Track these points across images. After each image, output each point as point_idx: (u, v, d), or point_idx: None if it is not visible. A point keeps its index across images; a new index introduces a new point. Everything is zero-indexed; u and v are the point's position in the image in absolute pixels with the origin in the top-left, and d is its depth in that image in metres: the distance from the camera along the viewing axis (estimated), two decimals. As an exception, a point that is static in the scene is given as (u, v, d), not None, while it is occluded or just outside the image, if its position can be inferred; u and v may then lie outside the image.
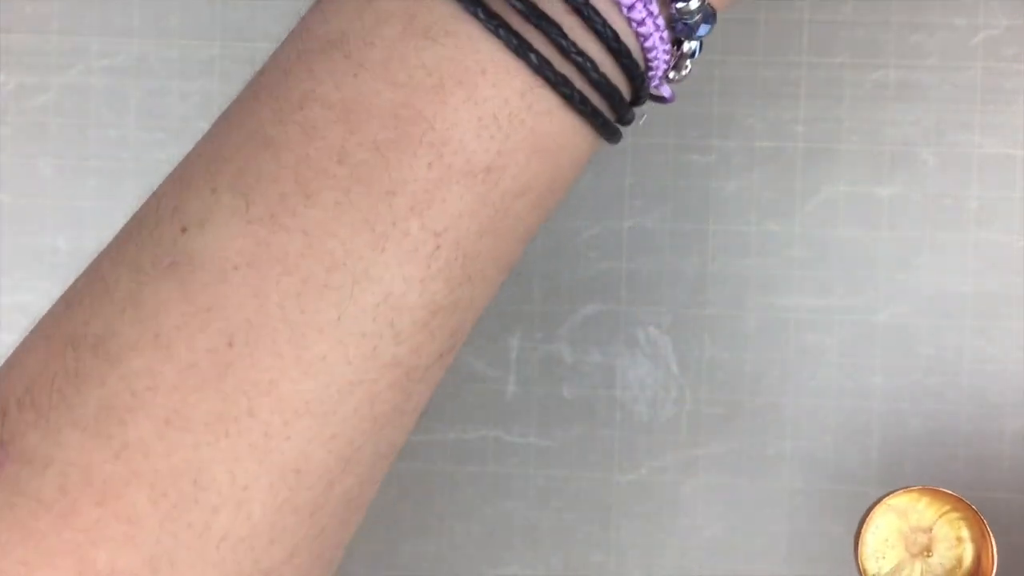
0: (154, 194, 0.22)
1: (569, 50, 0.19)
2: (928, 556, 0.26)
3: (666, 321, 0.37)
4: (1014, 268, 0.36)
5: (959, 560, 0.26)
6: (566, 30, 0.19)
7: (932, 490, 0.26)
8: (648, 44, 0.21)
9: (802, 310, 0.37)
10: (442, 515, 0.38)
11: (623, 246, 0.37)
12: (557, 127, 0.20)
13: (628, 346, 0.37)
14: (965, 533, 0.26)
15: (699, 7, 0.20)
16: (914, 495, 0.26)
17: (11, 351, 0.21)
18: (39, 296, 0.38)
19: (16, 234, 0.38)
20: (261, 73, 0.21)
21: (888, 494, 0.26)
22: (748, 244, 0.37)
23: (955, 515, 0.26)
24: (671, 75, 0.24)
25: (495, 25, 0.19)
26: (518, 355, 0.37)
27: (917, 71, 0.37)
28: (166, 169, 0.38)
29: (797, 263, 0.37)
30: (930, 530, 0.26)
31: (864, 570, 0.26)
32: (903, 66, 0.37)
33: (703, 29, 0.21)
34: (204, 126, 0.38)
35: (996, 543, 0.25)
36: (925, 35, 0.37)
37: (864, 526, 0.26)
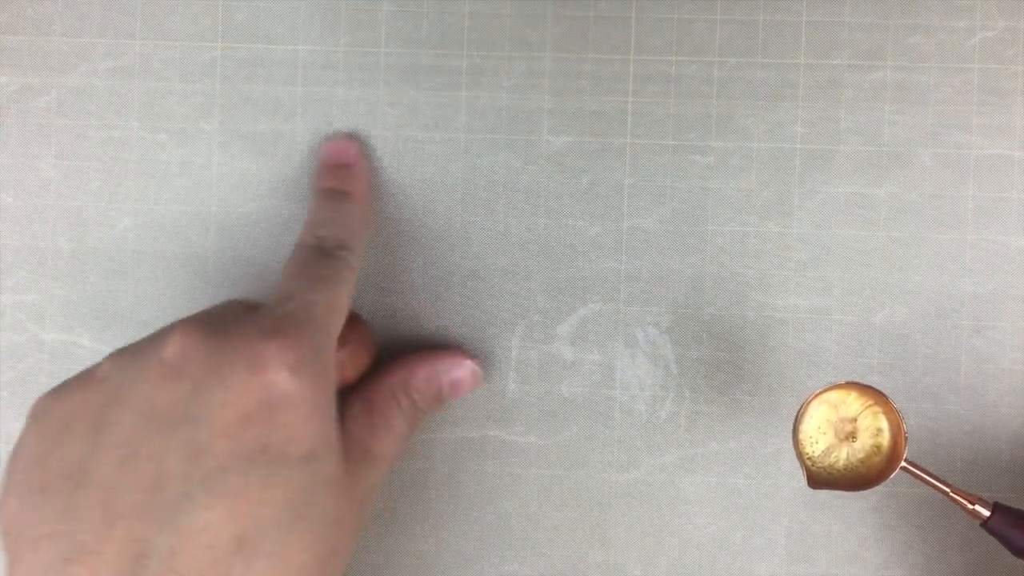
0: None
1: None
2: (853, 442, 0.30)
3: (665, 321, 0.37)
4: (1012, 268, 0.36)
5: (878, 447, 0.30)
6: None
7: (859, 385, 0.30)
8: None
9: (800, 310, 0.37)
10: (442, 515, 0.38)
11: (622, 246, 0.37)
12: None
13: (627, 346, 0.37)
14: (884, 424, 0.30)
15: None
16: (844, 390, 0.30)
17: None
18: (41, 296, 0.38)
19: (18, 234, 0.38)
20: None
21: (823, 389, 0.30)
22: (747, 244, 0.37)
23: (877, 408, 0.30)
24: None
25: None
26: (518, 355, 0.37)
27: (915, 72, 0.37)
28: (167, 170, 0.39)
29: (795, 263, 0.37)
30: (855, 420, 0.30)
31: (801, 452, 0.31)
32: (901, 67, 0.37)
33: None
34: (206, 127, 0.38)
35: (908, 436, 0.30)
36: (923, 37, 0.37)
37: (801, 415, 0.31)
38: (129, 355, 0.29)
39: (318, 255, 0.32)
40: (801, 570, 0.37)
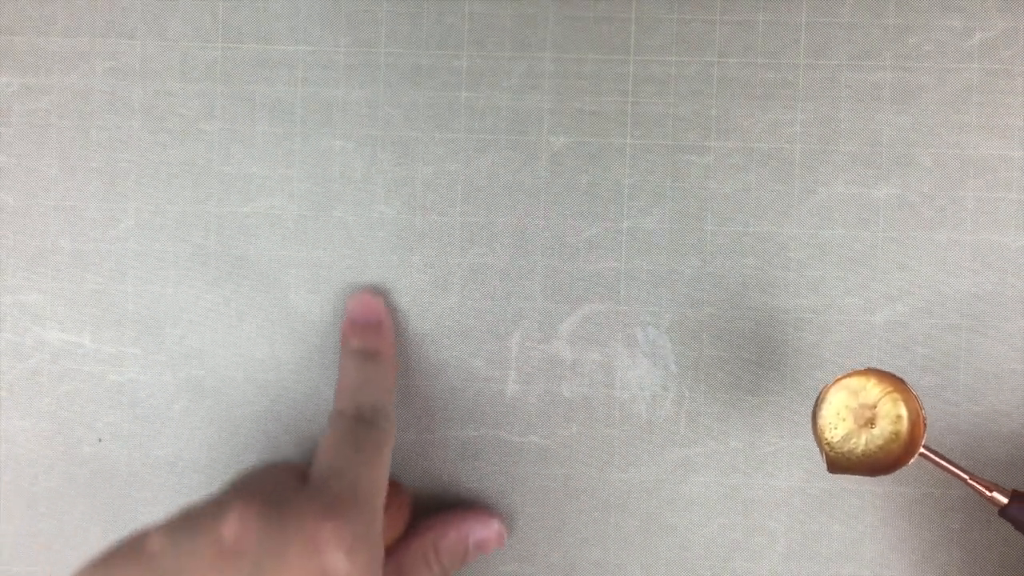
0: None
1: None
2: (872, 428, 0.30)
3: (665, 321, 0.37)
4: (1011, 268, 0.37)
5: (897, 433, 0.30)
6: None
7: (879, 372, 0.30)
8: None
9: (800, 310, 0.37)
10: (442, 514, 0.38)
11: (622, 246, 0.37)
12: None
13: (627, 346, 0.37)
14: (904, 411, 0.30)
15: None
16: (863, 376, 0.31)
17: None
18: (42, 296, 0.38)
19: (19, 234, 0.38)
20: None
21: (843, 375, 0.30)
22: (746, 244, 0.37)
23: (896, 395, 0.30)
24: None
25: None
26: (518, 355, 0.38)
27: (914, 73, 0.37)
28: (168, 170, 0.39)
29: (795, 263, 0.37)
30: (875, 407, 0.30)
31: (821, 437, 0.31)
32: (900, 68, 0.37)
33: None
34: (206, 127, 0.38)
35: (928, 423, 0.30)
36: (922, 37, 0.37)
37: (821, 400, 0.31)
38: (182, 531, 0.28)
39: (359, 426, 0.32)
40: (800, 568, 0.37)
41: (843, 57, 0.37)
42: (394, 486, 0.36)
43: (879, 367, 0.35)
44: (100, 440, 0.38)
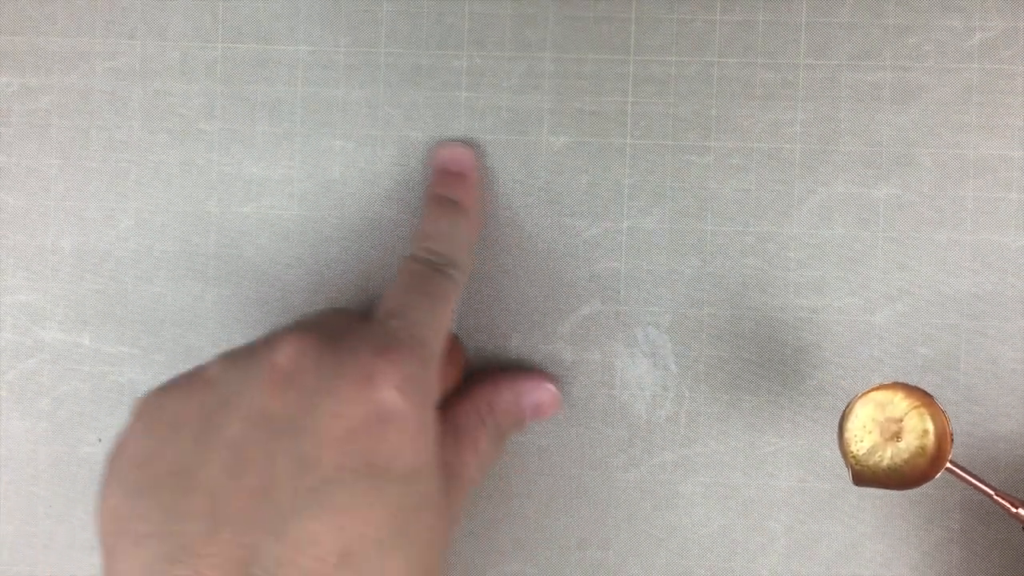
0: None
1: None
2: (898, 442, 0.31)
3: (665, 321, 0.37)
4: (1011, 268, 0.37)
5: (923, 448, 0.30)
6: None
7: (906, 386, 0.30)
8: None
9: (799, 310, 0.37)
10: (442, 514, 0.38)
11: (622, 246, 0.37)
12: None
13: (627, 345, 0.37)
14: (930, 426, 0.30)
15: None
16: (891, 390, 0.31)
17: None
18: (42, 296, 0.38)
19: (19, 235, 0.38)
20: None
21: (870, 388, 0.31)
22: (746, 244, 0.37)
23: (924, 410, 0.30)
24: None
25: None
26: (518, 355, 0.38)
27: (914, 73, 0.37)
28: (168, 170, 0.39)
29: (794, 263, 0.37)
30: (901, 420, 0.30)
31: (847, 450, 0.31)
32: (900, 68, 0.37)
33: None
34: (206, 127, 0.38)
35: (954, 438, 0.31)
36: (922, 37, 0.37)
37: (848, 413, 0.31)
38: (240, 358, 0.29)
39: (428, 271, 0.32)
40: (800, 568, 0.37)
41: (843, 57, 0.37)
42: (452, 339, 0.35)
43: (906, 381, 0.35)
44: (100, 440, 0.38)
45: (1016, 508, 0.30)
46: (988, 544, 0.37)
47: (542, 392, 0.36)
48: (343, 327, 0.30)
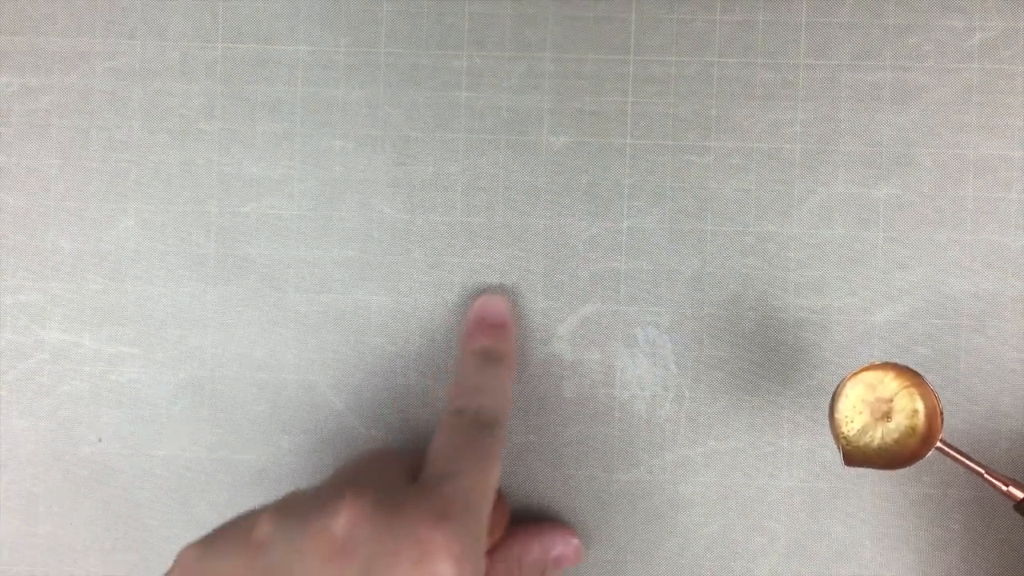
0: None
1: None
2: (888, 422, 0.30)
3: (665, 321, 0.37)
4: (1011, 268, 0.37)
5: (914, 428, 0.30)
6: None
7: (896, 366, 0.30)
8: None
9: (800, 310, 0.37)
10: (442, 514, 0.38)
11: (622, 246, 0.37)
12: None
13: (627, 345, 0.37)
14: (920, 405, 0.30)
15: None
16: (881, 370, 0.30)
17: None
18: (42, 296, 0.38)
19: (19, 234, 0.38)
20: None
21: (860, 369, 0.30)
22: (746, 244, 0.37)
23: (914, 389, 0.30)
24: None
25: None
26: (518, 355, 0.38)
27: (914, 73, 0.37)
28: (168, 170, 0.39)
29: (794, 263, 0.37)
30: (891, 401, 0.30)
31: (837, 430, 0.31)
32: (900, 68, 0.37)
33: None
34: (206, 127, 0.38)
35: (945, 418, 0.30)
36: (922, 37, 0.37)
37: (838, 394, 0.30)
38: (292, 520, 0.28)
39: (474, 430, 0.32)
40: (800, 568, 0.37)
41: (843, 57, 0.37)
42: (497, 493, 0.36)
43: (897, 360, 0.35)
44: (100, 440, 0.38)
45: (1007, 486, 0.30)
46: (988, 544, 0.37)
47: (567, 546, 0.36)
48: (396, 487, 0.29)
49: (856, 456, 0.31)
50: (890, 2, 0.37)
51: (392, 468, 0.31)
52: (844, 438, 0.31)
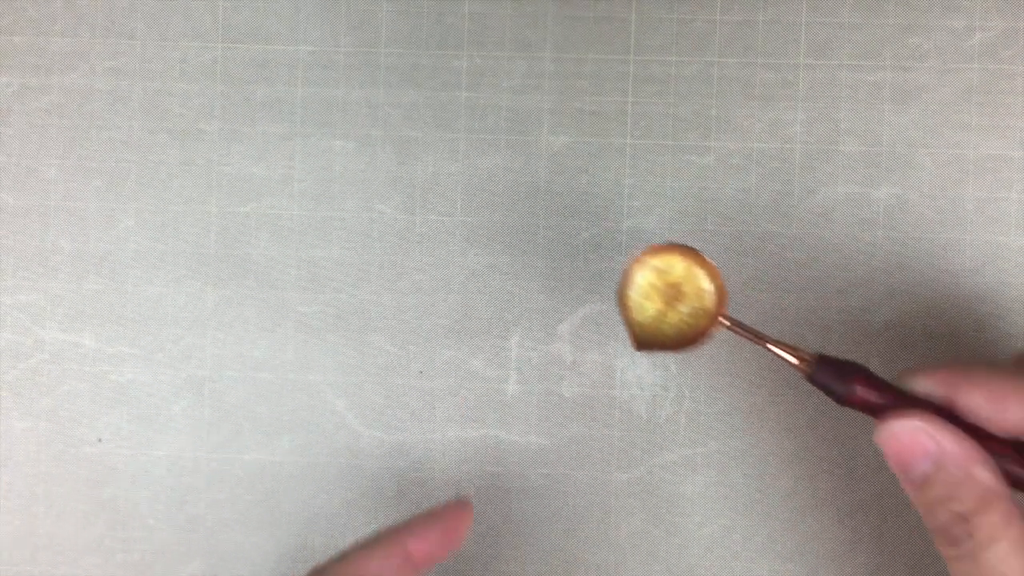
0: None
1: None
2: (679, 305, 0.31)
3: (665, 321, 0.37)
4: (1011, 268, 0.37)
5: (704, 309, 0.30)
6: None
7: (681, 247, 0.30)
8: None
9: (800, 310, 0.37)
10: (442, 514, 0.38)
11: (622, 246, 0.37)
12: None
13: (627, 345, 0.37)
14: (707, 285, 0.30)
15: None
16: (667, 253, 0.31)
17: None
18: (42, 296, 0.38)
19: (19, 235, 0.38)
20: None
21: (644, 252, 0.30)
22: (746, 244, 0.37)
23: (700, 270, 0.30)
24: None
25: None
26: (518, 355, 0.38)
27: (914, 73, 0.37)
28: (168, 170, 0.39)
29: (794, 263, 0.37)
30: (680, 285, 0.31)
31: (630, 319, 0.31)
32: (900, 68, 0.37)
33: None
34: (206, 128, 0.38)
35: (728, 292, 0.31)
36: (922, 37, 0.37)
37: (626, 281, 0.31)
38: None
39: None
40: (800, 568, 0.37)
41: (843, 57, 0.37)
42: None
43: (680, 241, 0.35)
44: (100, 440, 0.38)
45: (794, 357, 0.30)
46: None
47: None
48: None
49: (648, 341, 0.31)
50: (890, 2, 0.37)
51: None
52: (638, 325, 0.31)
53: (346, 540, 0.38)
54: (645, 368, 0.37)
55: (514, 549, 0.38)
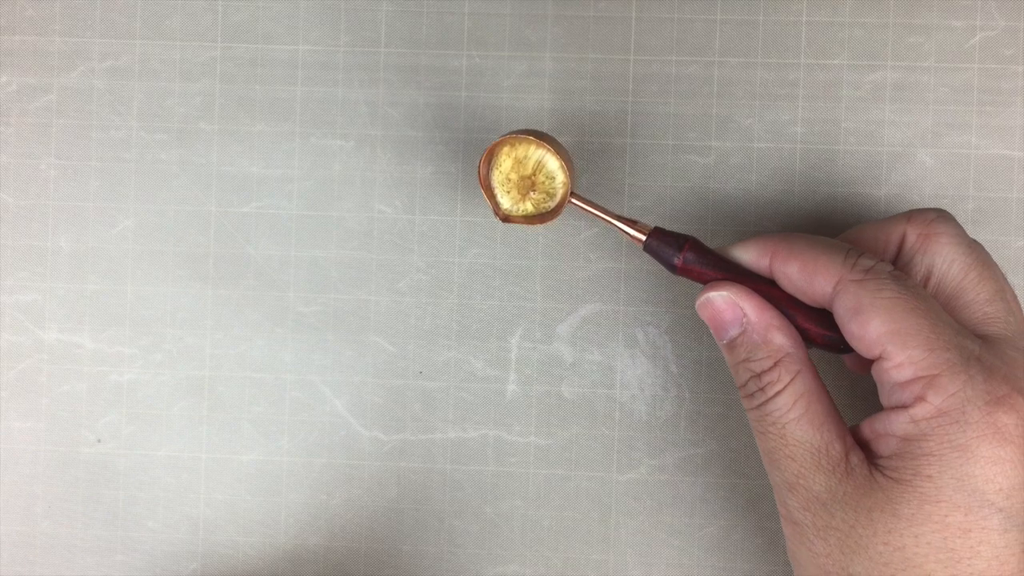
0: None
1: None
2: (534, 193, 0.34)
3: (665, 321, 0.37)
4: (1012, 268, 0.37)
5: (554, 192, 0.34)
6: None
7: (534, 133, 0.33)
8: None
9: (800, 310, 0.37)
10: (442, 515, 0.38)
11: (622, 246, 0.37)
12: None
13: (627, 346, 0.37)
14: (560, 176, 0.34)
15: None
16: (524, 143, 0.34)
17: None
18: (42, 296, 0.38)
19: (19, 235, 0.38)
20: None
21: (502, 139, 0.33)
22: (746, 244, 0.37)
23: (553, 156, 0.34)
24: None
25: None
26: (518, 355, 0.38)
27: (915, 72, 0.37)
28: (168, 170, 0.39)
29: (795, 263, 0.37)
30: (534, 175, 0.34)
31: (494, 201, 0.34)
32: (901, 67, 0.37)
33: None
34: (205, 127, 0.38)
35: (572, 174, 0.34)
36: (923, 37, 0.37)
37: (492, 164, 0.34)
38: None
39: None
40: (801, 569, 0.37)
41: (844, 57, 0.37)
42: None
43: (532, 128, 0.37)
44: (100, 440, 0.38)
45: (632, 229, 0.33)
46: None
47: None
48: None
49: (511, 219, 0.34)
50: (890, 2, 0.37)
51: None
52: (505, 212, 0.34)
53: (346, 540, 0.38)
54: (645, 368, 0.37)
55: (513, 549, 0.38)
